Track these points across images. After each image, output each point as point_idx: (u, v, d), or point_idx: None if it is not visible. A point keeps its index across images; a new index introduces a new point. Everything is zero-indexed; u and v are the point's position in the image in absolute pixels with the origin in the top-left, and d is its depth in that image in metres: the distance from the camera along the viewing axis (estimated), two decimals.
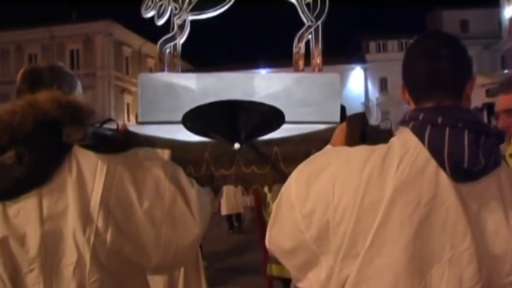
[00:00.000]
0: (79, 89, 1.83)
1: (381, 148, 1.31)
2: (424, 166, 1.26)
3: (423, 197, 1.24)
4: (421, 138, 1.28)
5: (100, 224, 1.37)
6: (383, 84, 46.65)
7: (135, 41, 43.90)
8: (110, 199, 1.40)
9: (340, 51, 55.17)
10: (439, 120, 1.27)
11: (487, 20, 45.44)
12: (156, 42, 2.94)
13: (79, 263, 1.36)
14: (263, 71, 43.92)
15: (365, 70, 47.43)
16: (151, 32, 3.30)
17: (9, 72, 42.56)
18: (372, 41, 49.23)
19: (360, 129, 1.45)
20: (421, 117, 1.31)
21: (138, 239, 1.45)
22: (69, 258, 1.37)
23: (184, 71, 2.99)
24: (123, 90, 43.46)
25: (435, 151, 1.25)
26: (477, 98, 16.71)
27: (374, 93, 47.06)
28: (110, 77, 41.88)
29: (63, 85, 1.65)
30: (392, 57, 47.37)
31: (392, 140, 1.33)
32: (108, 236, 1.38)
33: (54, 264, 1.37)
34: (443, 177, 1.25)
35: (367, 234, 1.25)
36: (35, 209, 1.36)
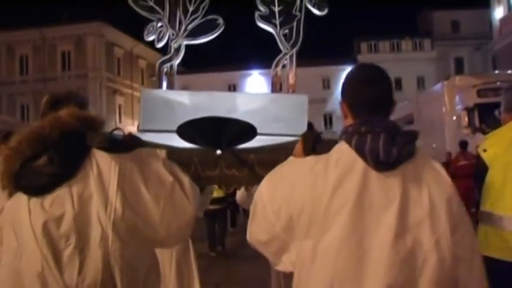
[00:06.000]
0: (89, 107, 2.34)
1: (324, 156, 1.76)
2: (353, 163, 1.68)
3: (355, 186, 1.65)
4: (350, 144, 1.70)
5: (118, 205, 1.77)
6: None
7: (127, 42, 43.78)
8: (124, 187, 1.80)
9: (332, 52, 55.33)
10: (363, 129, 1.70)
11: (477, 20, 45.71)
12: (148, 44, 3.45)
13: (103, 236, 1.75)
14: (255, 72, 43.98)
15: None
16: (143, 33, 3.51)
17: (0, 73, 42.36)
18: (363, 41, 49.41)
19: (311, 144, 1.92)
20: (350, 130, 1.74)
21: (147, 217, 1.85)
22: (96, 232, 1.75)
23: (177, 73, 3.48)
24: (115, 92, 43.36)
25: (360, 151, 1.67)
26: (468, 99, 16.82)
27: None
28: (101, 78, 41.75)
29: (75, 103, 2.06)
30: (384, 57, 47.48)
31: (332, 150, 1.76)
32: (124, 215, 1.77)
33: (86, 239, 1.75)
34: (369, 170, 1.66)
35: (318, 218, 1.65)
36: (68, 197, 1.76)
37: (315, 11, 3.41)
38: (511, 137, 2.64)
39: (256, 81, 42.93)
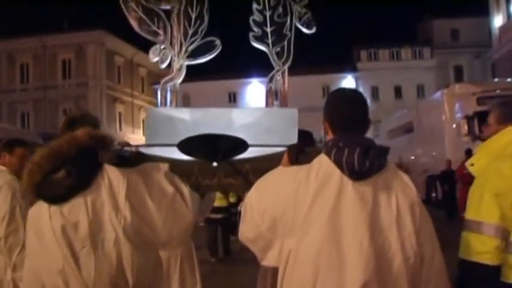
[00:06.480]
0: (101, 126, 2.69)
1: (306, 166, 1.99)
2: (331, 173, 1.92)
3: (333, 192, 1.89)
4: (329, 156, 1.94)
5: (126, 213, 2.03)
6: (374, 93, 46.76)
7: (127, 50, 43.98)
8: (131, 197, 2.06)
9: (332, 60, 55.43)
10: (340, 144, 1.94)
11: (477, 29, 45.86)
12: (148, 52, 3.70)
13: (116, 239, 2.00)
14: (255, 80, 44.05)
15: (356, 79, 47.59)
16: (143, 41, 3.76)
17: (0, 81, 42.44)
18: (363, 49, 49.49)
19: (295, 155, 2.16)
20: (330, 144, 1.98)
21: (151, 223, 2.11)
22: (110, 236, 2.00)
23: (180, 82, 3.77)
24: (115, 100, 43.47)
25: (337, 162, 1.91)
26: (468, 107, 16.86)
27: None
28: (102, 87, 41.88)
29: (89, 124, 2.42)
30: (384, 66, 47.67)
31: (314, 161, 1.99)
32: (132, 221, 2.03)
33: (99, 242, 1.99)
34: (345, 179, 1.91)
35: (301, 220, 1.88)
36: (83, 205, 2.01)
37: (304, 30, 3.73)
38: (499, 147, 2.75)
39: (256, 89, 42.93)
